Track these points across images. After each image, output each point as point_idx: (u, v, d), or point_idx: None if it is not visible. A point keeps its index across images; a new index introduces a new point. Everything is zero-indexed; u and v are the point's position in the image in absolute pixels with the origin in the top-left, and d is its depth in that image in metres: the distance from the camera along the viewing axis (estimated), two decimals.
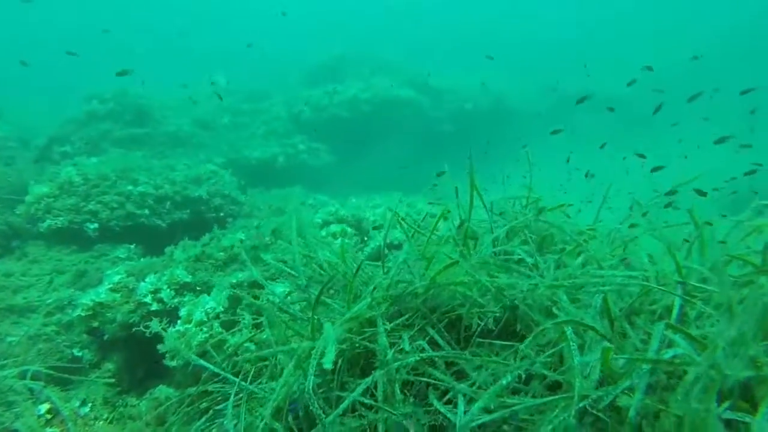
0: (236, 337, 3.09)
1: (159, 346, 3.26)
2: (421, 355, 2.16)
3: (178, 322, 3.27)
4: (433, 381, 2.19)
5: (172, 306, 3.92)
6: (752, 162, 5.64)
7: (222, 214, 8.76)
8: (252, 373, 2.66)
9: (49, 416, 3.30)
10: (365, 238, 5.91)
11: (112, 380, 3.99)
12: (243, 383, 2.48)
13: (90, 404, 3.65)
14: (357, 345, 2.48)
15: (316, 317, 2.29)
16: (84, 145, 10.72)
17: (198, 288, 3.99)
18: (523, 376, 2.02)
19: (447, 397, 2.20)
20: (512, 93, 18.36)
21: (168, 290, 3.94)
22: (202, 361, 2.52)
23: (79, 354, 5.16)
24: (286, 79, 18.02)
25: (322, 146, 12.67)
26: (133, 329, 4.01)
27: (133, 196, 7.98)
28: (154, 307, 3.91)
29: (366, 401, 2.17)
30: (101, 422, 3.46)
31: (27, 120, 13.47)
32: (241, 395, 2.53)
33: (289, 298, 2.96)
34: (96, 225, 7.55)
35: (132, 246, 7.45)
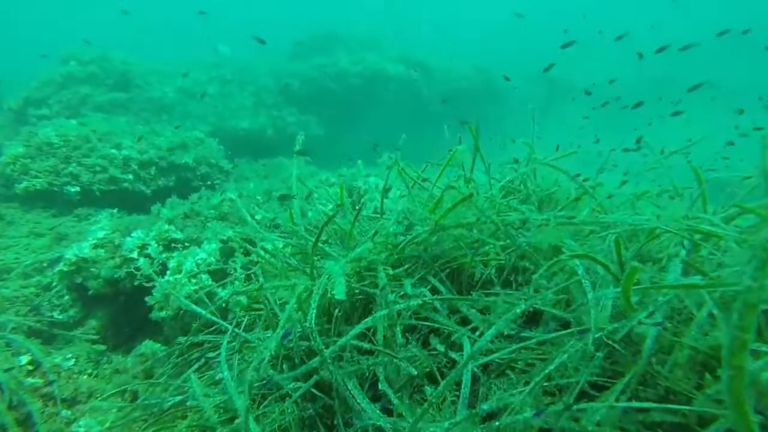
0: (227, 290, 3.00)
1: (147, 298, 3.16)
2: (423, 298, 2.11)
3: (167, 273, 3.15)
4: (436, 326, 2.14)
5: (160, 262, 3.79)
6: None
7: (209, 183, 8.56)
8: (246, 323, 2.57)
9: (30, 368, 3.18)
10: (357, 207, 5.80)
11: (96, 337, 3.87)
12: (237, 330, 2.40)
13: (74, 359, 3.53)
14: (356, 291, 2.42)
15: (317, 255, 2.21)
16: (63, 108, 10.33)
17: (187, 244, 3.87)
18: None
19: (450, 342, 2.16)
20: (500, 76, 18.28)
21: (156, 245, 3.81)
22: (194, 306, 2.43)
23: (60, 317, 5.02)
24: (273, 53, 17.59)
25: (311, 118, 12.44)
26: (119, 285, 3.89)
27: (117, 161, 7.72)
28: (141, 262, 3.78)
29: (365, 346, 2.11)
30: (85, 376, 3.35)
31: None
32: (233, 344, 2.45)
33: (285, 250, 2.87)
34: (77, 188, 7.30)
35: (115, 211, 7.22)
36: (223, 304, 2.93)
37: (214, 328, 2.73)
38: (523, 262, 2.19)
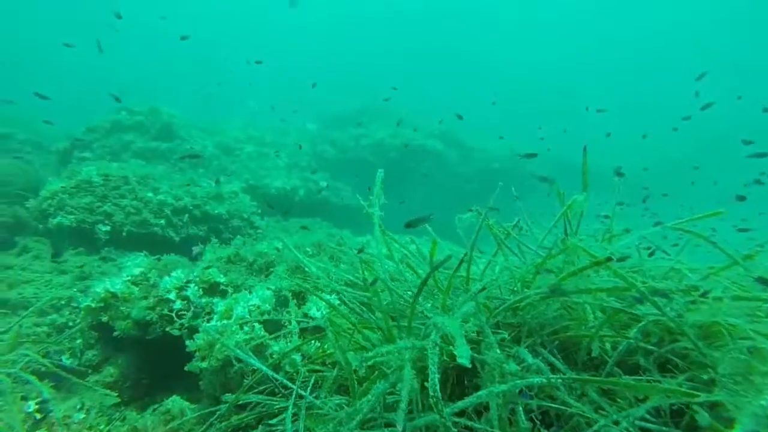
0: (280, 344, 2.59)
1: (188, 343, 2.77)
2: (560, 376, 1.70)
3: (214, 318, 2.78)
4: (554, 406, 1.72)
5: (199, 307, 3.43)
6: None
7: (239, 236, 8.31)
8: (312, 382, 2.16)
9: (38, 416, 2.72)
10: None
11: (113, 387, 3.42)
12: (303, 392, 1.98)
13: (85, 411, 3.06)
14: (446, 357, 2.01)
15: (418, 307, 1.85)
16: (105, 153, 10.50)
17: (230, 291, 3.52)
18: None
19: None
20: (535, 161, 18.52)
21: (196, 288, 3.46)
22: (254, 360, 2.03)
23: (68, 362, 4.57)
24: (310, 120, 18.15)
25: (343, 185, 12.44)
26: (148, 328, 3.50)
27: (152, 204, 7.60)
28: (178, 305, 3.42)
29: (477, 426, 1.68)
30: None
31: (45, 128, 13.42)
32: (295, 410, 2.02)
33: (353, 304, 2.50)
34: (108, 228, 7.11)
35: (142, 255, 6.94)
36: (276, 361, 2.53)
37: (264, 388, 2.31)
38: (681, 343, 1.78)
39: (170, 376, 3.90)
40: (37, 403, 2.79)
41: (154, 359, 3.76)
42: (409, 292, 2.48)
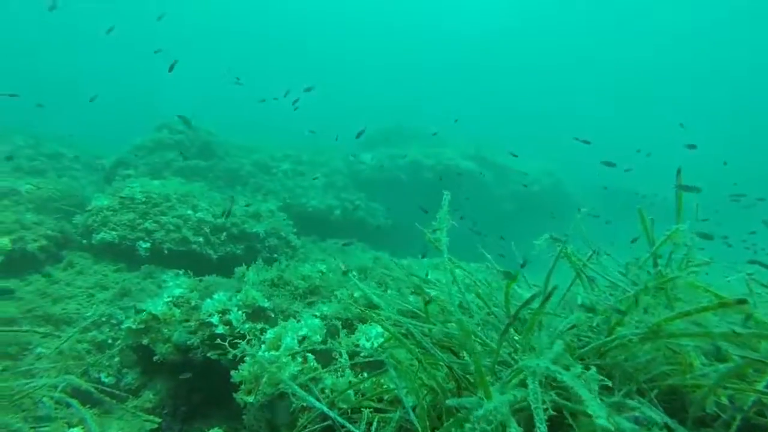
0: (332, 378, 2.39)
1: (233, 373, 2.59)
2: None
3: (261, 347, 2.60)
4: None
5: (241, 332, 3.27)
6: None
7: (276, 255, 8.24)
8: (364, 419, 1.94)
9: None
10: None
11: (152, 413, 3.27)
12: None
13: None
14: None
15: (509, 348, 1.62)
16: (147, 170, 10.71)
17: (273, 316, 3.35)
18: None
19: None
20: (568, 182, 18.00)
21: (238, 312, 3.31)
22: (312, 399, 1.83)
23: (106, 380, 4.50)
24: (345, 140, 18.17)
25: (379, 206, 12.31)
26: (189, 353, 3.36)
27: (191, 222, 7.62)
28: (220, 330, 3.27)
29: None
30: None
31: (92, 147, 13.95)
32: None
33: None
34: (148, 244, 7.15)
35: (180, 272, 6.93)
36: (333, 398, 2.32)
37: (318, 427, 2.10)
38: None
39: (207, 403, 3.74)
40: (82, 429, 2.66)
41: (192, 384, 3.61)
42: (478, 327, 2.24)
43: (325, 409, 1.79)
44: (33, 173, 10.56)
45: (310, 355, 2.45)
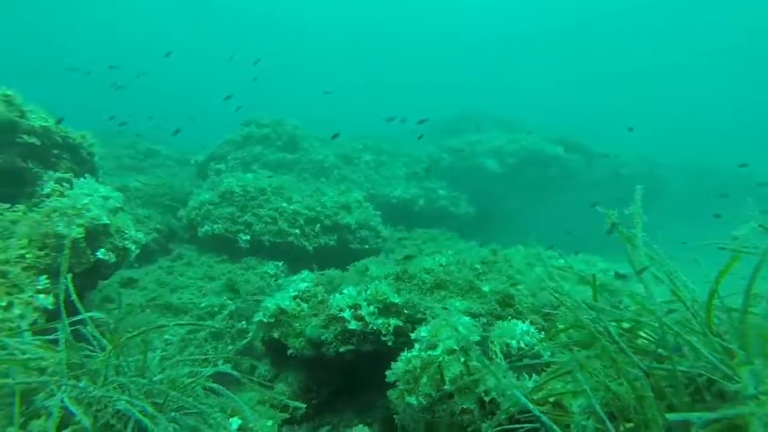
0: (492, 380, 2.19)
1: (388, 373, 2.48)
2: None
3: (416, 345, 2.47)
4: None
5: (373, 328, 3.17)
6: None
7: (366, 247, 8.23)
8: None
9: None
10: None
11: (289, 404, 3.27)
12: None
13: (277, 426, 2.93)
14: None
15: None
16: (237, 164, 11.09)
17: (406, 311, 3.23)
18: None
19: None
20: (664, 165, 16.60)
21: (370, 308, 3.22)
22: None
23: (224, 368, 4.63)
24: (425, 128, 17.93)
25: (461, 195, 11.98)
26: (322, 348, 3.31)
27: (287, 214, 7.75)
28: (352, 325, 3.19)
29: None
30: None
31: (183, 143, 14.72)
32: None
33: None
34: (248, 237, 7.36)
35: (280, 263, 7.08)
36: (485, 399, 2.15)
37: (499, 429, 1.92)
38: None
39: (336, 395, 3.71)
40: (238, 421, 2.68)
41: (321, 378, 3.59)
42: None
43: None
44: (135, 170, 11.30)
45: (471, 354, 2.28)
